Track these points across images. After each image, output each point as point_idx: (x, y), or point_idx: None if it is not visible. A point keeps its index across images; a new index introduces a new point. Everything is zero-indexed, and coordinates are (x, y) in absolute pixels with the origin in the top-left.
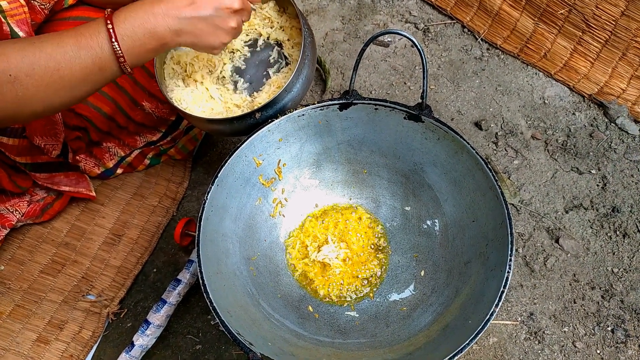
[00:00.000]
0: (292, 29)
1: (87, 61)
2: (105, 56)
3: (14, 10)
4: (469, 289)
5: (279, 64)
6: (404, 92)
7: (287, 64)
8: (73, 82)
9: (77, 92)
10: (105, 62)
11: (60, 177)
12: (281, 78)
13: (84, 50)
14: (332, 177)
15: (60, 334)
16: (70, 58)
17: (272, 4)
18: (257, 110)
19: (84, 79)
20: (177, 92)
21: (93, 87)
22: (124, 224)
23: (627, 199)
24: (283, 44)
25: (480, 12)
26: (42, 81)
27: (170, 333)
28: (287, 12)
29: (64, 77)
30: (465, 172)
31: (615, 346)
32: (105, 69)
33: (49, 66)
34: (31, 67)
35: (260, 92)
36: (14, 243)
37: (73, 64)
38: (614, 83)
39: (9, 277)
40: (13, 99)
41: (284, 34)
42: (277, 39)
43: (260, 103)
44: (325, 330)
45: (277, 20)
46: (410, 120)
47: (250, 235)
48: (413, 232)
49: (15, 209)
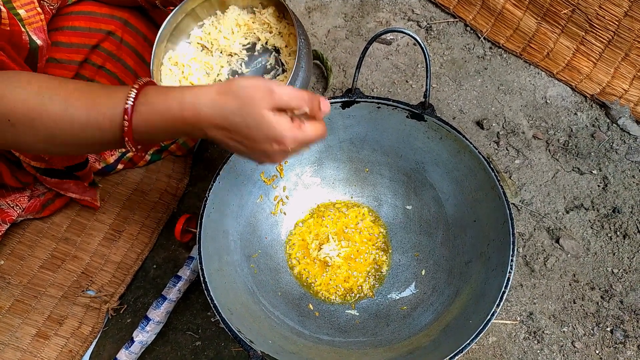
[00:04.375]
0: (290, 36)
1: (96, 137)
2: (116, 142)
3: (32, 18)
4: (470, 289)
5: (276, 70)
6: (405, 90)
7: (283, 71)
8: (74, 146)
9: (77, 150)
10: (115, 144)
11: (70, 184)
12: None
13: (97, 129)
14: (333, 175)
15: (59, 329)
16: (77, 131)
17: (272, 9)
18: None
19: (90, 145)
20: None
21: (94, 150)
22: (124, 219)
23: (627, 199)
24: (281, 50)
25: (483, 11)
26: (41, 136)
27: (170, 329)
28: (286, 18)
29: (67, 142)
30: (467, 171)
31: (614, 346)
32: (112, 146)
33: (53, 133)
34: (35, 130)
35: None
36: (14, 238)
37: (80, 136)
38: (616, 83)
39: (9, 272)
40: (12, 138)
41: (282, 40)
42: (275, 45)
43: None
44: (326, 329)
45: (275, 26)
46: (413, 119)
47: (251, 233)
48: (414, 231)
49: (16, 204)
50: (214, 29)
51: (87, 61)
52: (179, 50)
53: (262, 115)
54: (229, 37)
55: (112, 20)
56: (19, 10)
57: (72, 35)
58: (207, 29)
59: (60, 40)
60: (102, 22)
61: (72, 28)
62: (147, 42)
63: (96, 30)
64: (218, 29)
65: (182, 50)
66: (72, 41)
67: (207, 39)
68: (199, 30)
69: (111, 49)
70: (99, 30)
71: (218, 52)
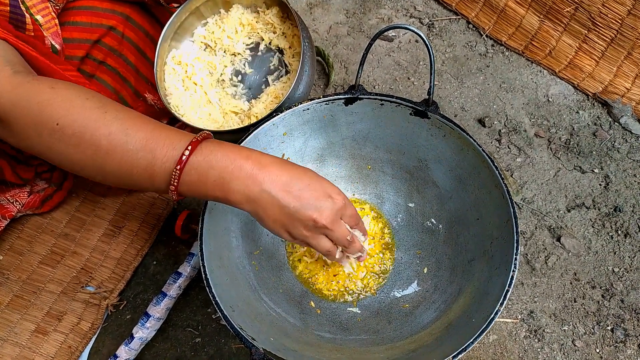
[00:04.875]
0: (293, 37)
1: (142, 163)
2: (161, 173)
3: (48, 23)
4: (472, 287)
5: (279, 71)
6: (407, 87)
7: (286, 73)
8: (116, 171)
9: (114, 180)
10: (157, 178)
11: None
12: (279, 88)
13: (146, 152)
14: (335, 173)
15: (59, 325)
16: (127, 151)
17: (276, 10)
18: (251, 125)
19: (128, 174)
20: (176, 95)
21: (130, 185)
22: (124, 215)
23: (629, 198)
24: (284, 51)
25: (485, 8)
26: (83, 151)
27: (169, 326)
28: (289, 19)
29: (109, 162)
30: (470, 169)
31: (614, 345)
32: (154, 181)
33: (98, 139)
34: (82, 130)
35: (258, 100)
36: (13, 233)
37: (126, 156)
38: (619, 82)
39: (8, 268)
40: (46, 145)
41: (286, 41)
42: (279, 46)
43: (256, 113)
44: (327, 326)
45: (279, 27)
46: (416, 116)
47: (253, 230)
48: (417, 228)
49: (16, 200)
50: (217, 28)
51: (88, 56)
52: (182, 49)
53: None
54: (232, 36)
55: (113, 15)
56: (36, 16)
57: (73, 30)
58: (210, 28)
59: (62, 36)
60: (103, 17)
61: (73, 23)
62: (149, 38)
63: (97, 25)
64: (222, 27)
65: (186, 49)
66: (73, 36)
67: (210, 37)
68: (202, 29)
69: (112, 44)
70: (100, 25)
71: (221, 51)
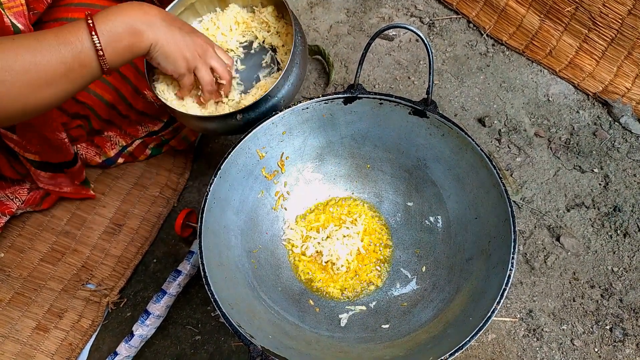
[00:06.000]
0: (287, 36)
1: (67, 56)
2: (85, 51)
3: (10, 2)
4: (470, 286)
5: (271, 68)
6: (407, 86)
7: (278, 70)
8: (53, 78)
9: (57, 91)
10: (85, 58)
11: (63, 178)
12: (270, 82)
13: (64, 44)
14: (334, 171)
15: (59, 323)
16: (50, 52)
17: (271, 8)
18: (239, 111)
19: (65, 75)
20: (165, 83)
21: (73, 86)
22: (124, 213)
23: (628, 198)
24: (277, 49)
25: (486, 8)
26: (21, 77)
27: (169, 323)
28: (284, 18)
29: (44, 71)
30: (469, 168)
31: (613, 345)
32: (85, 64)
33: (27, 60)
34: (10, 61)
35: (248, 94)
36: (14, 231)
37: (52, 58)
38: (619, 82)
39: (9, 265)
40: None
41: (279, 39)
42: (272, 44)
43: (245, 105)
44: (325, 324)
45: (274, 25)
46: (415, 115)
47: (252, 228)
48: (415, 227)
49: (16, 196)
50: (212, 25)
51: None
52: None
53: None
54: (226, 33)
55: None
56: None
57: None
58: (205, 25)
59: None
60: None
61: (70, 19)
62: None
63: None
64: (217, 25)
65: None
66: None
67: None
68: (198, 25)
69: None
70: None
71: None
